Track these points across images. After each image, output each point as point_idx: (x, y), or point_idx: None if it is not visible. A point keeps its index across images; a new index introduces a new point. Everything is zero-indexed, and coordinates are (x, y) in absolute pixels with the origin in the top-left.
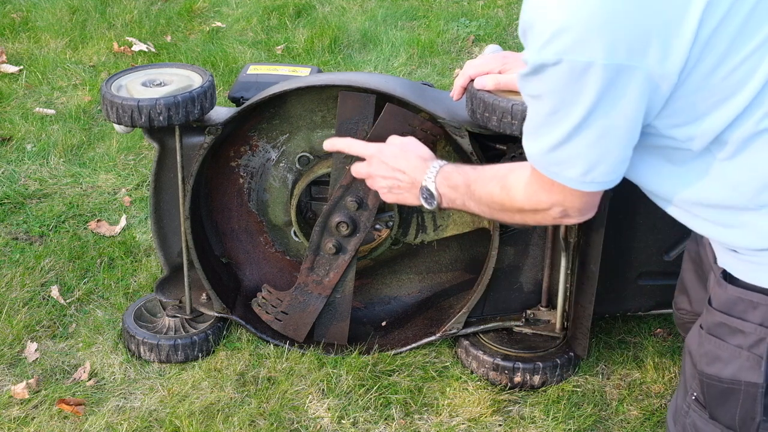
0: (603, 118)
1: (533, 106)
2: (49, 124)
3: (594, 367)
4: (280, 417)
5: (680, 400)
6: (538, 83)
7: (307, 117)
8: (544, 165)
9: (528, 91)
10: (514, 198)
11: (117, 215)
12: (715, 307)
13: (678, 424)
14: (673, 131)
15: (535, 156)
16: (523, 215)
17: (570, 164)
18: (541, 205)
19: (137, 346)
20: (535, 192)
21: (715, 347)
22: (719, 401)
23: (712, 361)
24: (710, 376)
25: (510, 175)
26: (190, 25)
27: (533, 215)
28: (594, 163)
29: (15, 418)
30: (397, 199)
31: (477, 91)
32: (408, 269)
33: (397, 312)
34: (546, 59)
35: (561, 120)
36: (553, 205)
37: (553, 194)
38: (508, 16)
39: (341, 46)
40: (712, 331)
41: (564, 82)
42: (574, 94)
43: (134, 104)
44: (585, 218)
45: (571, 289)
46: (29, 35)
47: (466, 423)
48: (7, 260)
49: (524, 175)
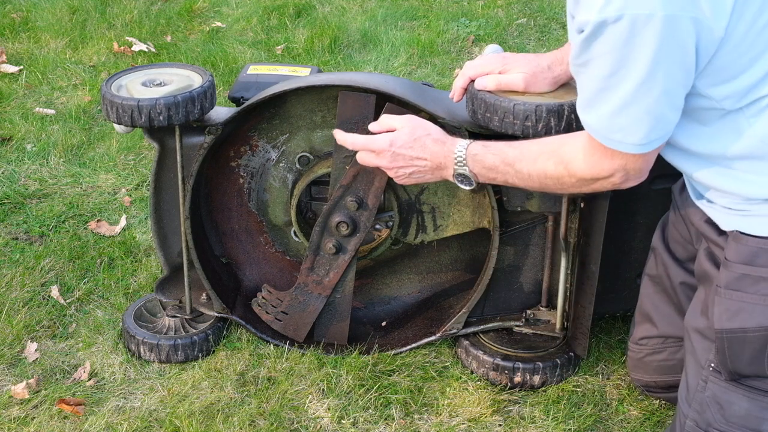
0: (663, 72)
1: (590, 73)
2: (49, 124)
3: (594, 367)
4: (280, 417)
5: (692, 379)
6: (597, 45)
7: (307, 117)
8: (605, 134)
9: (585, 57)
10: (573, 170)
11: (117, 215)
12: (736, 261)
13: (694, 403)
14: (711, 90)
15: (594, 126)
16: (582, 185)
17: (632, 129)
18: (602, 172)
19: (137, 346)
20: (596, 161)
21: (738, 299)
22: (747, 352)
23: (735, 315)
24: (732, 330)
25: (562, 149)
26: (190, 25)
27: (593, 184)
28: (655, 122)
29: (15, 418)
30: (417, 182)
31: (478, 92)
32: (408, 269)
33: (397, 312)
34: (608, 15)
35: (621, 81)
36: (615, 171)
37: (615, 160)
38: (508, 16)
39: (341, 46)
40: (732, 285)
41: (624, 38)
42: (634, 50)
43: (134, 104)
44: (643, 179)
45: (571, 289)
46: (29, 35)
47: (466, 423)
48: (7, 260)
49: (579, 145)
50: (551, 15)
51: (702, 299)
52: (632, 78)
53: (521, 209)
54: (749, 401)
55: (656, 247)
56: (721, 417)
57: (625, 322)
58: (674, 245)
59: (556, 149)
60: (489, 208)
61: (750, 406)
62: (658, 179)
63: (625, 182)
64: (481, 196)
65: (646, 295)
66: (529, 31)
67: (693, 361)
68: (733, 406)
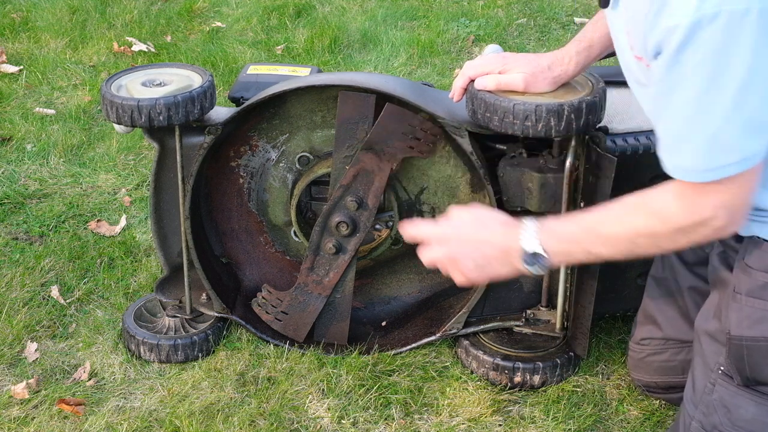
0: (764, 73)
1: (678, 99)
2: (49, 124)
3: (594, 367)
4: (280, 417)
5: (700, 381)
6: (689, 54)
7: (307, 117)
8: (704, 167)
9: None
10: (669, 219)
11: (117, 215)
12: (759, 268)
13: (701, 405)
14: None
15: (689, 166)
16: (680, 236)
17: (733, 146)
18: (703, 213)
19: (137, 346)
20: (692, 202)
21: (761, 308)
22: (765, 361)
23: (756, 323)
24: (754, 338)
25: (650, 198)
26: (190, 25)
27: (692, 232)
28: (758, 130)
29: (15, 418)
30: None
31: (478, 92)
32: (408, 269)
33: (397, 312)
34: (705, 13)
35: (719, 94)
36: (716, 209)
37: (713, 196)
38: (508, 16)
39: (341, 46)
40: (754, 293)
41: (721, 39)
42: (732, 52)
43: (134, 104)
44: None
45: (571, 289)
46: (29, 35)
47: (466, 423)
48: (7, 260)
49: (669, 189)
50: (551, 15)
51: (715, 303)
52: (732, 86)
53: (521, 209)
54: (756, 406)
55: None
56: (728, 420)
57: (626, 322)
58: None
59: (642, 202)
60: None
61: (757, 410)
62: (659, 178)
63: (730, 224)
64: (481, 196)
65: (651, 297)
66: (529, 31)
67: (701, 363)
68: (740, 410)
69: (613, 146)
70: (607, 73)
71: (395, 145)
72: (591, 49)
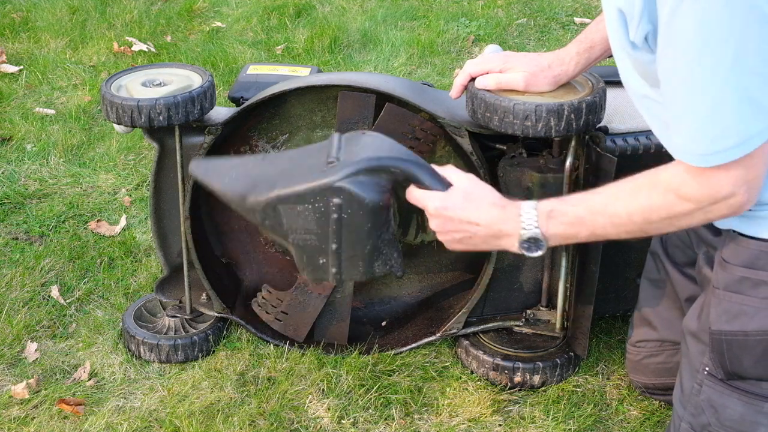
0: (754, 49)
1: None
2: (49, 124)
3: (594, 367)
4: (280, 417)
5: (687, 382)
6: (683, 19)
7: (307, 117)
8: (702, 153)
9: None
10: (686, 194)
11: (117, 215)
12: (735, 263)
13: (689, 406)
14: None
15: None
16: (698, 213)
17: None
18: (722, 190)
19: (137, 346)
20: (709, 177)
21: (738, 302)
22: (744, 356)
23: (734, 317)
24: (732, 332)
25: (663, 176)
26: (190, 25)
27: (711, 209)
28: (760, 107)
29: (15, 418)
30: (467, 248)
31: (478, 91)
32: (408, 269)
33: (397, 312)
34: None
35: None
36: (735, 184)
37: (734, 169)
38: (508, 16)
39: (341, 46)
40: (731, 287)
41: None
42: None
43: (134, 104)
44: (761, 187)
45: (571, 289)
46: (29, 35)
47: (466, 423)
48: (7, 260)
49: (681, 168)
50: (551, 15)
51: (701, 303)
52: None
53: None
54: (744, 405)
55: (656, 252)
56: (716, 420)
57: (625, 322)
58: (673, 249)
59: (654, 180)
60: None
61: (744, 410)
62: None
63: (750, 200)
64: None
65: (645, 298)
66: (529, 31)
67: (688, 365)
68: (728, 410)
69: (613, 146)
70: (607, 73)
71: None
72: (592, 50)
